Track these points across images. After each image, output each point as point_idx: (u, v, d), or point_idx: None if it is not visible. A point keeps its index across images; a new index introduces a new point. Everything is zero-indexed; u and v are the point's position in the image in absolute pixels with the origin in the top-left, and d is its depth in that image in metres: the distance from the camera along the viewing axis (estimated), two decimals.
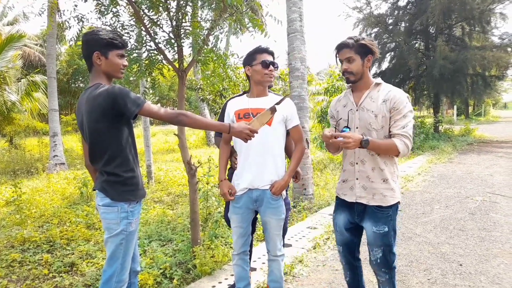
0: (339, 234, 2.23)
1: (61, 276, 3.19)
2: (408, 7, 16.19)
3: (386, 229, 2.00)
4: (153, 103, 1.92)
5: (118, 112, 1.81)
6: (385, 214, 2.01)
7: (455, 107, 29.38)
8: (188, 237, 3.88)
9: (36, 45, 19.80)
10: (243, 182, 2.27)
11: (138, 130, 15.93)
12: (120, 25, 3.16)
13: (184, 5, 3.13)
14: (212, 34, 3.27)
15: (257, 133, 2.02)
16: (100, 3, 3.10)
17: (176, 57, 3.29)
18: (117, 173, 1.89)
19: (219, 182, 2.36)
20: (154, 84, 3.64)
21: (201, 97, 7.59)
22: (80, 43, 2.12)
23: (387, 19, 16.14)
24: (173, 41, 3.18)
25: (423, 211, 5.02)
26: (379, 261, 2.05)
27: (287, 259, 3.34)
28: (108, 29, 1.95)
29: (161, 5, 3.04)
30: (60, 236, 4.11)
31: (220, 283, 2.98)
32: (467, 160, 9.67)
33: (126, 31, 3.19)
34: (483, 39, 15.35)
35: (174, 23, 3.15)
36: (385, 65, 16.55)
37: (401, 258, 3.46)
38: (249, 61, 2.31)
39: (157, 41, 3.18)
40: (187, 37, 3.20)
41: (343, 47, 2.02)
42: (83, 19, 3.13)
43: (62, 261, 3.46)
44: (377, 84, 2.05)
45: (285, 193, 2.37)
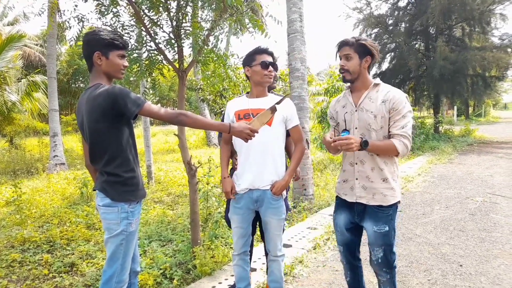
0: (339, 234, 2.23)
1: (61, 276, 3.19)
2: (408, 7, 16.20)
3: (386, 228, 2.01)
4: (153, 103, 1.92)
5: (118, 112, 1.81)
6: (386, 213, 2.02)
7: (455, 107, 29.39)
8: (188, 238, 3.88)
9: (36, 45, 19.81)
10: (244, 182, 2.27)
11: (138, 130, 15.93)
12: (120, 25, 3.16)
13: (184, 5, 3.13)
14: (212, 34, 3.27)
15: (258, 133, 2.02)
16: (100, 3, 3.10)
17: (176, 57, 3.30)
18: (117, 173, 1.89)
19: (221, 179, 2.35)
20: (154, 84, 3.64)
21: (201, 98, 7.58)
22: (80, 43, 2.12)
23: (387, 19, 16.15)
24: (173, 42, 3.18)
25: (423, 212, 5.02)
26: (380, 261, 2.05)
27: (287, 260, 3.34)
28: (109, 29, 1.95)
29: (161, 5, 3.04)
30: (60, 236, 4.11)
31: (220, 283, 2.98)
32: (467, 160, 9.66)
33: (126, 31, 3.19)
34: (483, 40, 15.36)
35: (174, 24, 3.15)
36: (385, 65, 16.58)
37: (401, 258, 3.46)
38: (248, 62, 2.31)
39: (157, 41, 3.19)
40: (187, 37, 3.20)
41: (344, 45, 2.05)
42: (83, 19, 3.13)
43: (62, 261, 3.46)
44: (376, 84, 2.05)
45: (285, 193, 2.37)
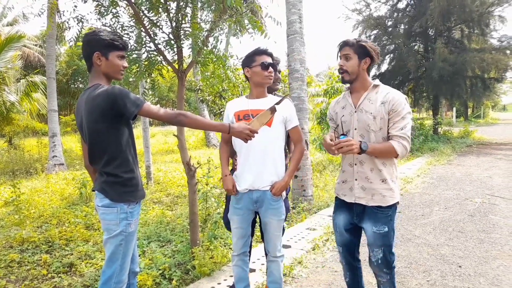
0: (339, 234, 2.23)
1: (60, 276, 3.19)
2: (407, 9, 16.23)
3: (386, 229, 2.01)
4: (153, 104, 1.92)
5: (117, 112, 1.80)
6: (385, 214, 2.02)
7: (454, 109, 29.44)
8: (187, 238, 3.87)
9: (35, 45, 19.80)
10: (244, 183, 2.26)
11: (137, 131, 15.92)
12: (119, 26, 3.16)
13: (183, 6, 3.13)
14: (211, 35, 3.28)
15: (257, 133, 2.02)
16: (100, 4, 3.10)
17: (175, 58, 3.30)
18: (116, 173, 1.89)
19: (222, 177, 2.34)
20: (153, 85, 3.64)
21: (201, 98, 7.58)
22: (80, 43, 2.12)
23: (387, 21, 16.18)
24: (172, 42, 3.19)
25: (422, 213, 5.03)
26: (380, 261, 2.05)
27: (286, 260, 3.34)
28: (108, 30, 1.95)
29: (161, 6, 3.04)
30: (59, 236, 4.10)
31: (219, 284, 2.97)
32: (466, 162, 9.68)
33: (125, 32, 3.19)
34: (482, 42, 15.39)
35: (173, 24, 3.16)
36: (385, 67, 16.61)
37: (400, 259, 3.46)
38: (248, 63, 2.31)
39: (156, 42, 3.19)
40: (186, 38, 3.20)
41: (344, 45, 2.06)
42: (82, 20, 3.13)
43: (61, 262, 3.45)
44: (375, 86, 2.06)
45: (285, 194, 2.37)
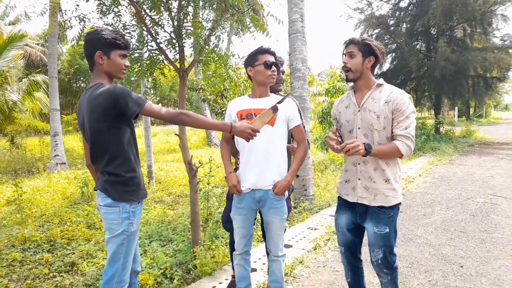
0: (341, 234, 2.23)
1: (62, 275, 3.19)
2: (409, 8, 16.19)
3: (387, 230, 2.00)
4: (154, 103, 1.91)
5: (119, 111, 1.80)
6: (387, 214, 2.01)
7: (456, 108, 29.39)
8: (188, 238, 3.88)
9: (37, 44, 19.84)
10: (246, 182, 2.26)
11: (139, 130, 15.94)
12: (121, 25, 3.16)
13: (185, 5, 3.13)
14: (213, 34, 3.27)
15: (259, 132, 2.02)
16: (101, 3, 3.10)
17: (177, 57, 3.30)
18: (118, 173, 1.89)
19: (226, 174, 2.33)
20: (155, 84, 3.64)
21: (202, 98, 7.58)
22: (82, 42, 2.12)
23: (389, 20, 16.14)
24: (174, 41, 3.18)
25: (424, 213, 5.02)
26: (380, 261, 2.05)
27: (287, 260, 3.34)
28: (110, 29, 1.95)
29: (163, 5, 3.04)
30: (60, 235, 4.11)
31: (220, 283, 2.98)
32: (468, 161, 9.65)
33: (127, 31, 3.19)
34: (485, 41, 15.34)
35: (175, 23, 3.15)
36: (386, 66, 16.57)
37: (402, 259, 3.45)
38: (250, 62, 2.30)
39: (158, 41, 3.19)
40: (188, 37, 3.20)
41: (350, 43, 2.06)
42: (84, 19, 3.13)
43: (62, 261, 3.46)
44: (379, 85, 2.05)
45: (287, 193, 2.37)
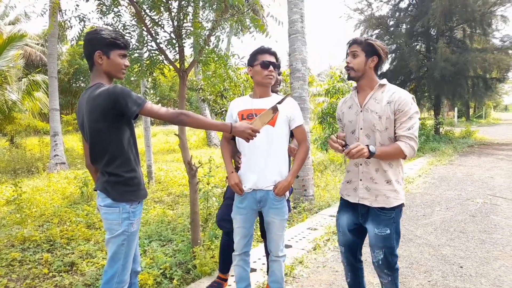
0: (341, 234, 2.22)
1: (61, 275, 3.19)
2: (409, 9, 16.20)
3: (388, 231, 1.99)
4: (154, 103, 1.91)
5: (119, 111, 1.80)
6: (388, 216, 2.00)
7: (456, 109, 29.40)
8: (188, 238, 3.87)
9: (37, 44, 19.83)
10: (248, 182, 2.26)
11: (138, 130, 15.94)
12: (121, 25, 3.16)
13: (185, 5, 3.13)
14: (213, 34, 3.27)
15: (259, 132, 2.02)
16: (101, 3, 3.10)
17: (177, 57, 3.29)
18: (118, 173, 1.88)
19: (228, 174, 2.33)
20: (155, 84, 3.64)
21: (202, 98, 7.58)
22: (81, 42, 2.12)
23: (388, 20, 16.14)
24: (174, 41, 3.18)
25: (423, 213, 5.02)
26: (380, 262, 2.04)
27: (287, 260, 3.34)
28: (110, 29, 1.95)
29: (163, 5, 3.04)
30: (60, 235, 4.11)
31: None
32: (467, 162, 9.65)
33: (127, 31, 3.19)
34: (484, 41, 15.35)
35: (175, 23, 3.15)
36: (386, 66, 16.54)
37: (401, 260, 3.45)
38: (251, 62, 2.31)
39: (158, 41, 3.18)
40: (188, 37, 3.20)
41: (353, 42, 2.05)
42: (84, 19, 3.13)
43: (62, 261, 3.46)
44: (382, 85, 2.04)
45: (288, 193, 2.37)
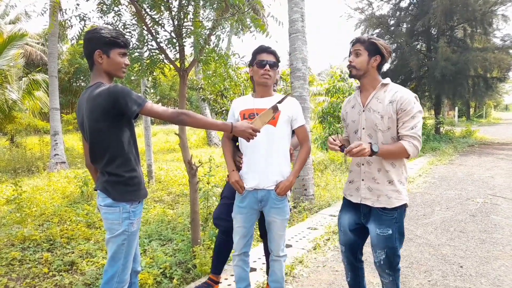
0: (342, 233, 2.22)
1: (61, 275, 3.19)
2: (410, 8, 16.18)
3: (390, 231, 1.98)
4: (154, 102, 1.91)
5: (119, 111, 1.79)
6: (390, 216, 1.98)
7: (456, 108, 29.39)
8: (188, 237, 3.87)
9: (37, 43, 19.83)
10: (249, 182, 2.25)
11: (139, 129, 15.94)
12: (122, 24, 3.16)
13: (186, 4, 3.13)
14: (214, 33, 3.27)
15: (259, 132, 2.01)
16: (102, 2, 3.09)
17: (177, 56, 3.29)
18: (118, 173, 1.88)
19: (229, 172, 2.32)
20: (155, 83, 3.63)
21: (202, 97, 7.58)
22: (82, 42, 2.12)
23: (389, 20, 16.13)
24: (174, 41, 3.18)
25: (423, 213, 5.02)
26: (382, 262, 2.04)
27: (287, 260, 3.33)
28: (110, 27, 1.94)
29: (163, 4, 3.04)
30: (60, 235, 4.11)
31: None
32: (468, 161, 9.65)
33: (127, 30, 3.19)
34: (485, 41, 15.34)
35: (175, 23, 3.15)
36: (387, 66, 16.53)
37: (401, 259, 3.40)
38: (251, 62, 2.32)
39: (158, 40, 3.18)
40: (188, 36, 3.20)
41: (356, 41, 2.04)
42: (84, 18, 3.13)
43: (62, 260, 3.46)
44: (384, 84, 2.02)
45: (289, 193, 2.36)
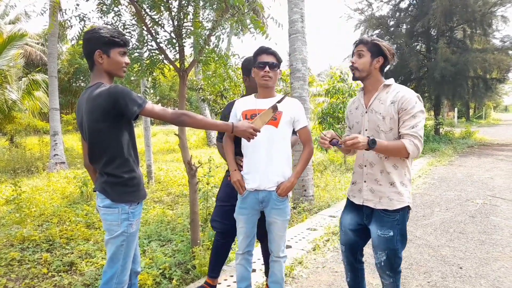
0: (343, 233, 2.23)
1: (60, 275, 3.19)
2: (409, 9, 16.21)
3: (391, 233, 1.97)
4: (154, 103, 1.90)
5: (119, 112, 1.79)
6: (392, 218, 1.97)
7: (456, 109, 29.41)
8: (187, 238, 3.87)
9: (37, 44, 19.82)
10: (250, 183, 2.25)
11: (138, 130, 15.94)
12: (121, 25, 3.16)
13: (185, 4, 3.13)
14: (213, 34, 3.27)
15: (260, 131, 2.02)
16: (102, 2, 3.09)
17: (177, 57, 3.29)
18: (117, 174, 1.87)
19: (230, 172, 2.32)
20: (155, 84, 3.63)
21: (202, 98, 7.59)
22: (81, 42, 2.11)
23: (389, 21, 16.16)
24: (174, 41, 3.18)
25: (423, 214, 5.02)
26: (383, 264, 2.03)
27: (286, 261, 3.33)
28: (109, 27, 1.93)
29: (163, 4, 3.04)
30: (59, 235, 4.11)
31: (219, 284, 2.97)
32: (467, 162, 9.65)
33: (127, 31, 3.19)
34: (485, 42, 15.37)
35: (175, 23, 3.15)
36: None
37: None
38: (253, 63, 2.31)
39: (158, 40, 3.18)
40: (188, 37, 3.20)
41: (359, 42, 2.04)
42: (84, 18, 3.13)
43: (61, 260, 3.45)
44: (386, 85, 2.02)
45: (290, 194, 2.36)
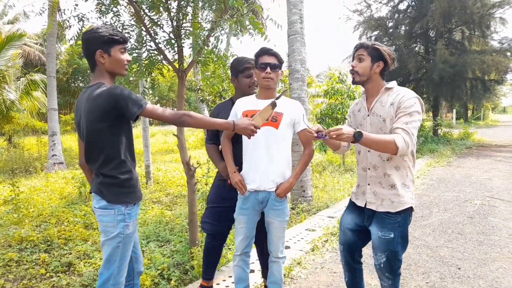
0: (342, 233, 2.24)
1: (58, 276, 3.18)
2: (408, 10, 16.25)
3: (391, 235, 1.97)
4: (153, 103, 1.90)
5: (119, 113, 1.78)
6: (393, 220, 1.98)
7: (454, 110, 29.48)
8: (186, 238, 3.86)
9: (36, 44, 19.81)
10: (250, 184, 2.26)
11: (137, 130, 15.91)
12: (120, 25, 3.15)
13: (184, 5, 3.13)
14: (212, 35, 3.27)
15: (259, 129, 2.03)
16: (100, 2, 3.09)
17: (176, 57, 3.29)
18: (113, 175, 1.86)
19: (230, 174, 2.31)
20: (153, 84, 3.63)
21: (201, 98, 7.58)
22: (80, 42, 2.11)
23: (387, 22, 16.19)
24: (173, 42, 3.18)
25: (421, 215, 5.02)
26: (382, 265, 2.03)
27: (285, 261, 3.33)
28: (106, 26, 1.92)
29: (162, 5, 3.04)
30: (57, 235, 4.09)
31: (217, 284, 2.97)
32: (466, 163, 9.67)
33: (126, 31, 3.18)
34: (483, 43, 15.41)
35: (174, 24, 3.15)
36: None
37: None
38: (254, 64, 2.32)
39: (157, 41, 3.18)
40: (187, 37, 3.20)
41: (360, 47, 2.05)
42: (83, 19, 3.12)
43: (59, 261, 3.44)
44: (388, 88, 2.03)
45: (289, 194, 2.36)
